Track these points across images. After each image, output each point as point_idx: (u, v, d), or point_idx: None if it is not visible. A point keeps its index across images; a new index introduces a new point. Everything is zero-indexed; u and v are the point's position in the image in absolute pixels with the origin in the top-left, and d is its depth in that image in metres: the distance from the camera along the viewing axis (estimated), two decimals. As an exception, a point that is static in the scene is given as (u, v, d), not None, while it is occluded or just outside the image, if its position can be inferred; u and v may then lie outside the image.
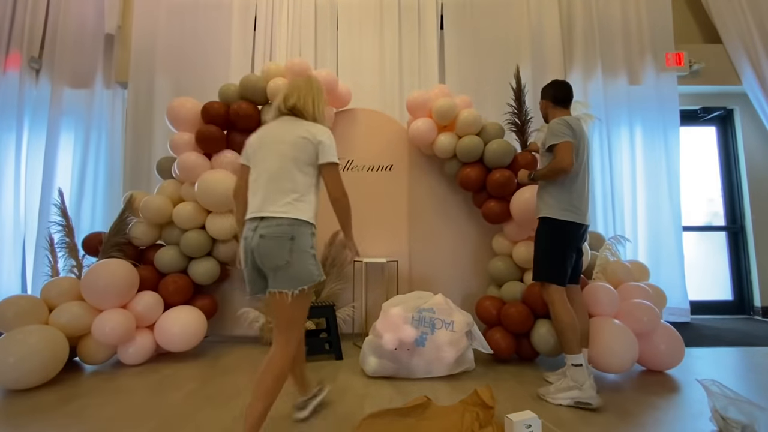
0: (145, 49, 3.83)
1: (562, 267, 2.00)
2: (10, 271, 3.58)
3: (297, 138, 1.44)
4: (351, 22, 3.96)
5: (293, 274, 1.35)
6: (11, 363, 1.95)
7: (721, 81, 4.03)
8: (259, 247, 1.36)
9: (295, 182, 1.42)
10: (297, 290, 1.35)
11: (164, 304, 2.57)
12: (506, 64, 3.89)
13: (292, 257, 1.35)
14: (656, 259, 3.66)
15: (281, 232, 1.35)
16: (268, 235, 1.35)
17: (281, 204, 1.39)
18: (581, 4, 4.00)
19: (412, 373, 2.22)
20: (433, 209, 3.19)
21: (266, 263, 1.37)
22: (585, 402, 1.80)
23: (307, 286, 1.38)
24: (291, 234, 1.36)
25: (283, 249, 1.34)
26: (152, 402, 1.89)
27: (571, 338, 1.90)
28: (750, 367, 2.47)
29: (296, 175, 1.42)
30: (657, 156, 3.81)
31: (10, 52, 3.74)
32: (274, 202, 1.39)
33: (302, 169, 1.43)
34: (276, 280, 1.36)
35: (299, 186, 1.42)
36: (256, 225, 1.39)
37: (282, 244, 1.34)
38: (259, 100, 2.89)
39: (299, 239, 1.37)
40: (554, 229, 2.01)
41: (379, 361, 2.21)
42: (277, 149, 1.44)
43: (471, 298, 3.03)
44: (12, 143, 3.67)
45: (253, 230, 1.39)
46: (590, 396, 1.80)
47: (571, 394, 1.84)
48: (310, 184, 1.46)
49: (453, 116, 2.81)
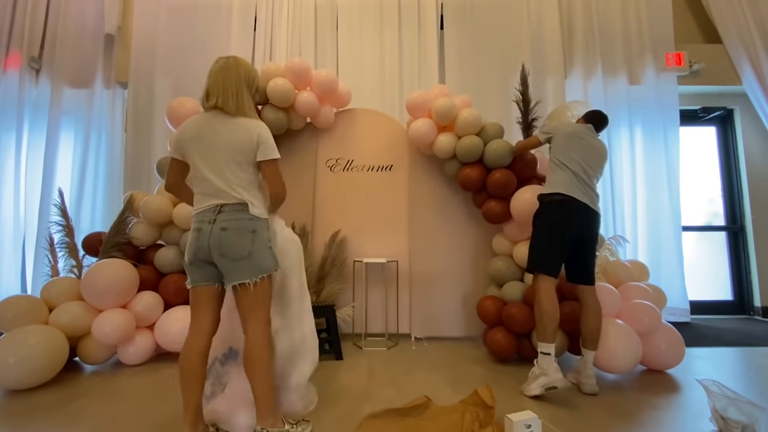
0: (145, 49, 3.83)
1: (549, 254, 2.02)
2: (10, 271, 3.58)
3: (234, 138, 1.47)
4: (351, 22, 3.96)
5: (254, 264, 1.44)
6: (11, 363, 1.95)
7: (721, 81, 4.04)
8: (221, 239, 1.42)
9: (241, 180, 1.48)
10: (258, 278, 1.44)
11: (164, 304, 2.57)
12: (506, 64, 3.89)
13: (254, 249, 1.44)
14: (656, 259, 3.66)
15: (243, 226, 1.44)
16: (231, 228, 1.43)
17: (236, 200, 1.46)
18: (581, 4, 4.00)
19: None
20: (433, 209, 3.19)
21: (228, 254, 1.42)
22: (552, 386, 1.85)
23: (265, 275, 1.47)
24: (253, 228, 1.46)
25: (246, 241, 1.43)
26: (152, 402, 1.89)
27: (546, 326, 1.94)
28: (750, 367, 2.47)
29: (240, 175, 1.48)
30: (657, 156, 3.81)
31: (10, 52, 3.74)
32: (230, 199, 1.46)
33: (245, 169, 1.50)
34: (237, 271, 1.43)
35: (245, 184, 1.49)
36: (212, 218, 1.45)
37: (245, 237, 1.44)
38: (259, 100, 2.89)
39: (259, 233, 1.47)
40: (541, 209, 2.09)
41: None
42: (217, 149, 1.47)
43: (471, 298, 3.04)
44: (12, 143, 3.67)
45: (210, 223, 1.44)
46: (556, 379, 1.85)
47: (539, 381, 1.89)
48: (254, 182, 1.53)
49: (453, 116, 2.81)
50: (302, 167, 3.24)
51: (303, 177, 3.23)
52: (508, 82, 3.88)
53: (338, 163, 3.27)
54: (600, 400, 1.92)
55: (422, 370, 2.37)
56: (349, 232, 3.17)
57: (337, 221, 3.18)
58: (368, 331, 3.03)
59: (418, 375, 2.28)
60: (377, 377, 2.24)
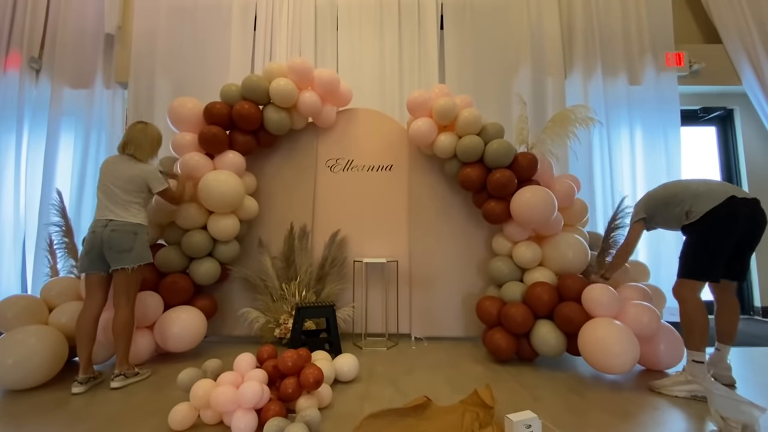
0: (145, 49, 3.84)
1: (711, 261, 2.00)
2: (10, 271, 3.59)
3: (132, 176, 2.20)
4: (351, 23, 3.96)
5: (134, 255, 2.12)
6: (11, 364, 1.95)
7: (721, 81, 4.04)
8: (111, 239, 2.08)
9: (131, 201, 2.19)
10: (135, 266, 2.12)
11: (164, 304, 2.57)
12: (506, 64, 3.90)
13: (135, 245, 2.13)
14: (656, 259, 3.66)
15: (128, 230, 2.13)
16: (118, 230, 2.10)
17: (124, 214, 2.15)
18: (581, 4, 4.00)
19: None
20: (433, 209, 3.19)
21: (114, 248, 2.08)
22: (701, 395, 1.87)
23: (139, 264, 2.15)
24: (134, 231, 2.15)
25: (129, 239, 2.12)
26: (152, 402, 1.89)
27: (698, 337, 1.97)
28: (750, 367, 2.47)
29: (131, 196, 2.20)
30: (657, 156, 3.81)
31: (10, 52, 3.74)
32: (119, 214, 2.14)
33: (135, 195, 2.21)
34: (120, 259, 2.09)
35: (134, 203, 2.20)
36: (105, 224, 2.11)
37: (129, 237, 2.12)
38: (260, 100, 2.89)
39: (140, 234, 2.18)
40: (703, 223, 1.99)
41: None
42: (118, 182, 2.17)
43: (471, 298, 3.04)
44: (12, 143, 3.67)
45: (104, 227, 2.10)
46: (706, 389, 1.81)
47: (688, 387, 1.92)
48: (140, 203, 2.23)
49: (453, 116, 2.81)
50: (302, 167, 3.24)
51: (303, 177, 3.23)
52: (507, 83, 3.89)
53: (338, 162, 3.27)
54: (600, 400, 1.92)
55: (422, 370, 2.37)
56: (349, 232, 3.18)
57: (337, 221, 3.18)
58: (368, 331, 3.04)
59: (418, 375, 2.28)
60: (377, 377, 2.24)
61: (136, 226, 2.16)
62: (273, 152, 3.24)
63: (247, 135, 2.91)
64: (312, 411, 1.58)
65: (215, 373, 1.85)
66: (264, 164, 3.22)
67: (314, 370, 1.75)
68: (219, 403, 1.56)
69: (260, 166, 3.20)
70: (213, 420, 1.65)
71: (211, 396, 1.59)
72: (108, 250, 2.07)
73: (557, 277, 2.57)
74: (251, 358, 1.83)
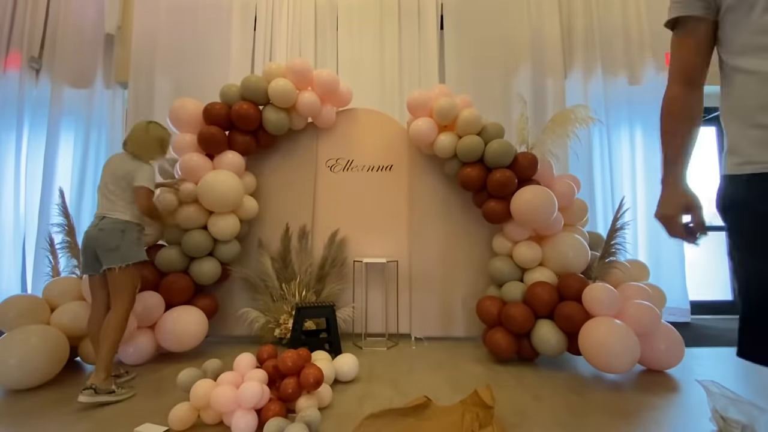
0: (145, 49, 3.83)
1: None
2: (10, 271, 3.58)
3: (126, 171, 2.11)
4: (351, 23, 3.96)
5: (120, 255, 2.01)
6: (12, 364, 1.95)
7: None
8: (98, 237, 2.01)
9: (120, 197, 2.10)
10: (123, 265, 2.00)
11: (165, 304, 2.57)
12: (506, 65, 3.90)
13: (121, 243, 2.01)
14: (656, 259, 3.66)
15: (115, 227, 2.04)
16: (106, 228, 2.03)
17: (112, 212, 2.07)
18: (581, 4, 4.00)
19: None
20: (433, 209, 3.19)
21: (102, 246, 2.00)
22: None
23: (130, 263, 2.03)
24: (122, 228, 2.05)
25: (116, 237, 2.01)
26: (152, 402, 1.90)
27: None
28: (750, 367, 2.45)
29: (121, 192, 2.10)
30: (657, 156, 3.80)
31: (10, 52, 3.73)
32: (109, 210, 2.07)
33: (124, 191, 2.11)
34: (107, 259, 1.99)
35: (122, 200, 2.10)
36: (96, 222, 2.05)
37: (116, 235, 2.02)
38: (260, 100, 2.89)
39: (128, 232, 2.06)
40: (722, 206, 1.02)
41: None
42: (112, 178, 2.11)
43: (471, 298, 3.04)
44: (12, 143, 3.66)
45: (94, 225, 2.05)
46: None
47: None
48: (129, 200, 2.12)
49: (453, 116, 2.81)
50: (303, 167, 3.24)
51: (303, 177, 3.23)
52: (507, 83, 3.89)
53: (338, 163, 3.27)
54: (600, 400, 1.92)
55: (422, 370, 2.37)
56: (349, 232, 3.18)
57: (337, 221, 3.18)
58: (368, 331, 3.04)
59: (418, 375, 2.28)
60: (377, 377, 2.24)
61: (124, 224, 2.06)
62: (273, 152, 3.24)
63: (246, 135, 2.91)
64: (312, 411, 1.59)
65: (215, 373, 1.85)
66: (264, 164, 3.22)
67: (314, 370, 1.75)
68: (219, 403, 1.56)
69: (261, 166, 3.20)
70: (213, 420, 1.65)
71: (211, 396, 1.59)
72: (98, 249, 2.01)
73: (557, 277, 2.57)
74: (251, 358, 1.83)
